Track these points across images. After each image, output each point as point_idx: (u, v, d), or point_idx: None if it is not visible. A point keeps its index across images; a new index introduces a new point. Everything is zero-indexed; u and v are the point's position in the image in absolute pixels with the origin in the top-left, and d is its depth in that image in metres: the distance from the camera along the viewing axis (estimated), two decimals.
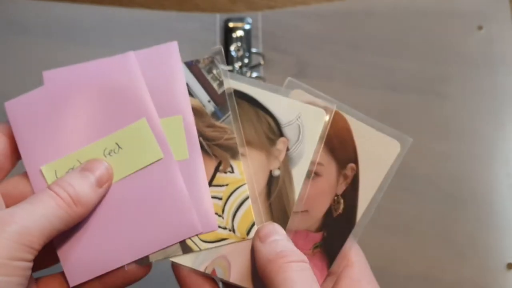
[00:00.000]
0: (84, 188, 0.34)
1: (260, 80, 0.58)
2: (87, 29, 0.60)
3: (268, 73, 0.59)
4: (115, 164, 0.35)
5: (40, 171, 0.36)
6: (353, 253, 0.37)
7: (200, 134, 0.36)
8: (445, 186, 0.55)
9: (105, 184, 0.35)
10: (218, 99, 0.37)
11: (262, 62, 0.59)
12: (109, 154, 0.35)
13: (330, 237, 0.37)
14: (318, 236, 0.37)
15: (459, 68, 0.59)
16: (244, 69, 0.58)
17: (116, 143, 0.35)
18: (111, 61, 0.37)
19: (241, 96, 0.38)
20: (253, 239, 0.35)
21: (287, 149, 0.37)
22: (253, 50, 0.59)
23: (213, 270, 0.36)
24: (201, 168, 0.36)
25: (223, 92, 0.37)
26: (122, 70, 0.36)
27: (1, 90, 0.57)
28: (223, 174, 0.36)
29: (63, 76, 0.37)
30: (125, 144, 0.35)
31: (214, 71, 0.38)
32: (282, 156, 0.37)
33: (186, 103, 0.36)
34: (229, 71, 0.58)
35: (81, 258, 0.35)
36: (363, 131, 0.38)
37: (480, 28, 0.60)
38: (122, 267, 0.35)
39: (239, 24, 0.60)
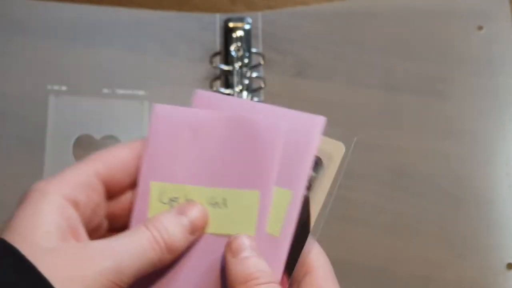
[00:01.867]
0: (177, 234, 0.33)
1: (260, 81, 0.58)
2: (86, 29, 0.60)
3: (268, 73, 0.59)
4: (212, 217, 0.34)
5: (149, 184, 0.35)
6: (313, 258, 0.35)
7: None
8: (445, 186, 0.55)
9: (197, 232, 0.34)
10: None
11: (262, 62, 0.59)
12: (212, 205, 0.34)
13: None
14: None
15: (459, 68, 0.59)
16: (244, 69, 0.58)
17: (224, 199, 0.34)
18: (264, 117, 0.35)
19: None
20: (225, 251, 0.34)
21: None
22: (253, 50, 0.59)
23: None
24: (284, 250, 0.34)
25: None
26: (269, 131, 0.35)
27: (1, 90, 0.57)
28: None
29: (214, 103, 0.36)
30: (230, 204, 0.34)
31: None
32: None
33: (303, 179, 0.34)
34: (229, 71, 0.59)
35: None
36: None
37: (480, 28, 0.60)
38: None
39: (239, 24, 0.60)
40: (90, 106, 0.57)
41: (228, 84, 0.58)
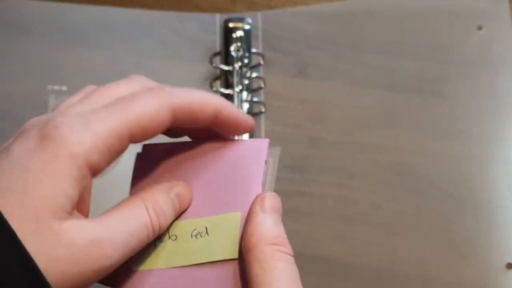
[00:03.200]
0: (171, 217, 0.33)
1: (260, 81, 0.58)
2: (87, 29, 0.60)
3: (268, 73, 0.59)
4: (193, 248, 0.33)
5: None
6: None
7: None
8: (445, 186, 0.55)
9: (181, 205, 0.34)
10: None
11: (262, 62, 0.59)
12: (195, 236, 0.34)
13: None
14: None
15: (459, 68, 0.59)
16: (244, 69, 0.58)
17: (206, 227, 0.34)
18: (245, 143, 0.35)
19: None
20: (255, 203, 0.33)
21: None
22: (253, 50, 0.59)
23: None
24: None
25: None
26: (254, 148, 0.35)
27: (1, 90, 0.57)
28: None
29: (157, 154, 0.36)
30: (212, 231, 0.33)
31: None
32: None
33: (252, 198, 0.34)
34: (229, 71, 0.59)
35: None
36: None
37: (479, 28, 0.60)
38: None
39: (239, 25, 0.60)
40: None
41: (228, 84, 0.58)
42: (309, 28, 0.61)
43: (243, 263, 0.32)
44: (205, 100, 0.33)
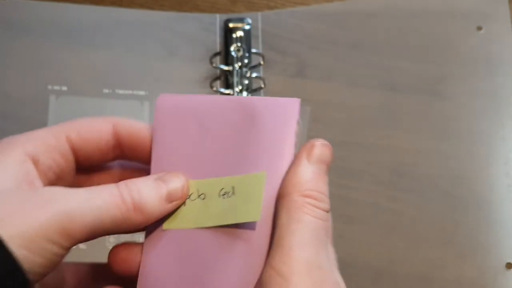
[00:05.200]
0: (151, 197, 0.32)
1: (260, 81, 0.58)
2: (87, 29, 0.60)
3: (268, 73, 0.59)
4: (220, 209, 0.33)
5: None
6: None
7: None
8: (445, 186, 0.56)
9: (175, 201, 0.33)
10: None
11: (262, 62, 0.59)
12: (223, 195, 0.33)
13: None
14: None
15: (459, 68, 0.59)
16: (244, 69, 0.58)
17: (232, 187, 0.33)
18: (275, 102, 0.34)
19: None
20: (302, 150, 0.32)
21: None
22: (253, 50, 0.59)
23: None
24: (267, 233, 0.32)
25: None
26: (284, 107, 0.34)
27: (2, 90, 0.57)
28: None
29: (178, 105, 0.35)
30: (238, 191, 0.33)
31: None
32: None
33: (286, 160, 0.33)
34: (229, 71, 0.59)
35: (157, 283, 0.33)
36: None
37: (479, 28, 0.60)
38: None
39: (239, 25, 0.60)
40: (91, 106, 0.57)
41: (228, 84, 0.58)
42: (309, 28, 0.61)
43: (270, 215, 0.31)
44: (100, 118, 0.34)
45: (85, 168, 0.35)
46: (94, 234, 0.30)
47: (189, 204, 0.34)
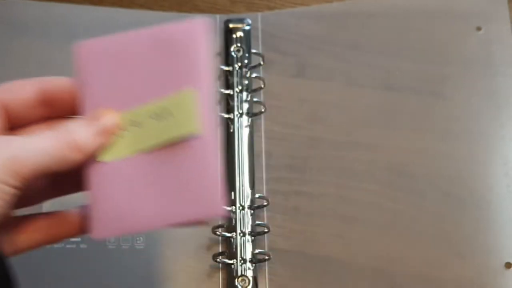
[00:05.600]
0: (82, 133, 0.35)
1: (260, 81, 0.59)
2: (87, 29, 0.60)
3: (268, 74, 0.59)
4: (158, 128, 0.35)
5: None
6: None
7: None
8: (444, 186, 0.56)
9: (108, 134, 0.35)
10: None
11: (262, 62, 0.59)
12: (156, 117, 0.35)
13: None
14: None
15: (458, 68, 0.59)
16: (244, 70, 0.58)
17: (165, 108, 0.35)
18: (183, 26, 0.36)
19: None
20: None
21: None
22: (253, 50, 0.59)
23: None
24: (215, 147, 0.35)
25: None
26: (191, 30, 0.36)
27: None
28: None
29: (98, 48, 0.37)
30: (173, 111, 0.35)
31: None
32: None
33: (206, 77, 0.36)
34: (229, 71, 0.59)
35: (110, 214, 0.35)
36: None
37: (479, 29, 0.60)
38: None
39: (239, 25, 0.60)
40: None
41: (228, 85, 0.58)
42: (308, 29, 0.61)
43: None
44: (26, 80, 0.38)
45: (18, 127, 0.37)
46: (41, 172, 0.33)
47: (124, 134, 0.36)
